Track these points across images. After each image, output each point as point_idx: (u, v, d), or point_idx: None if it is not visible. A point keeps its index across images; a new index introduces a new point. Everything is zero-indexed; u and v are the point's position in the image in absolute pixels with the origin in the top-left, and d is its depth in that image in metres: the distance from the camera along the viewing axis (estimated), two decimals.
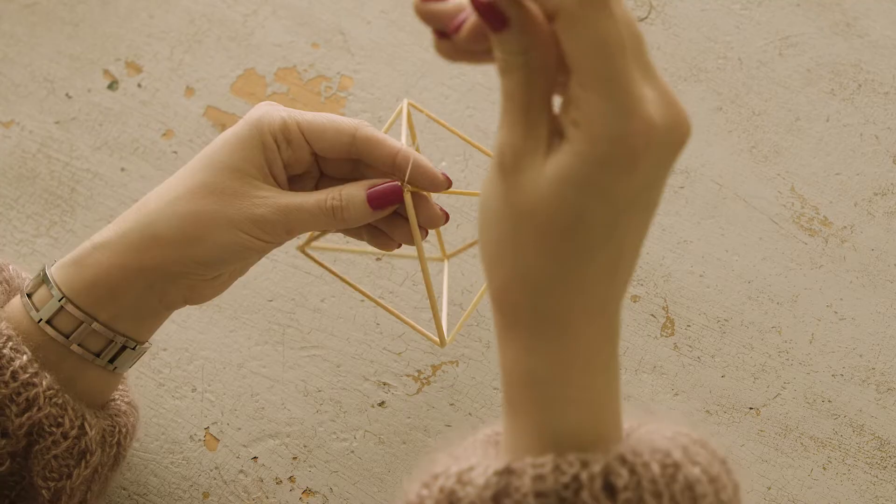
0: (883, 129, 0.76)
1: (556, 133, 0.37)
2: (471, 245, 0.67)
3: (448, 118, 0.76)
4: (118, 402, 0.57)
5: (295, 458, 0.65)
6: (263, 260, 0.70)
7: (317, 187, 0.56)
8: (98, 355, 0.53)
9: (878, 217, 0.72)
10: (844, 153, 0.75)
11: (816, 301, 0.70)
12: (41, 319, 0.52)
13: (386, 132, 0.57)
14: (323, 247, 0.65)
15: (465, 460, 0.40)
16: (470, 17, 0.37)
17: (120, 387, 0.58)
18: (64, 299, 0.51)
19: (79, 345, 0.52)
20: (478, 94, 0.77)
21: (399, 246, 0.57)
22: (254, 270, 0.70)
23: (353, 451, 0.65)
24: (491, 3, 0.35)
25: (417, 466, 0.42)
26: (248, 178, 0.51)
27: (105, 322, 0.52)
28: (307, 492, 0.64)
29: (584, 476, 0.37)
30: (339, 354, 0.68)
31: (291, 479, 0.64)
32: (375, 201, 0.52)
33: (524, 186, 0.37)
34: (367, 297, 0.60)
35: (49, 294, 0.52)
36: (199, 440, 0.65)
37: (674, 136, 0.36)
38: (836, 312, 0.69)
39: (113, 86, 0.77)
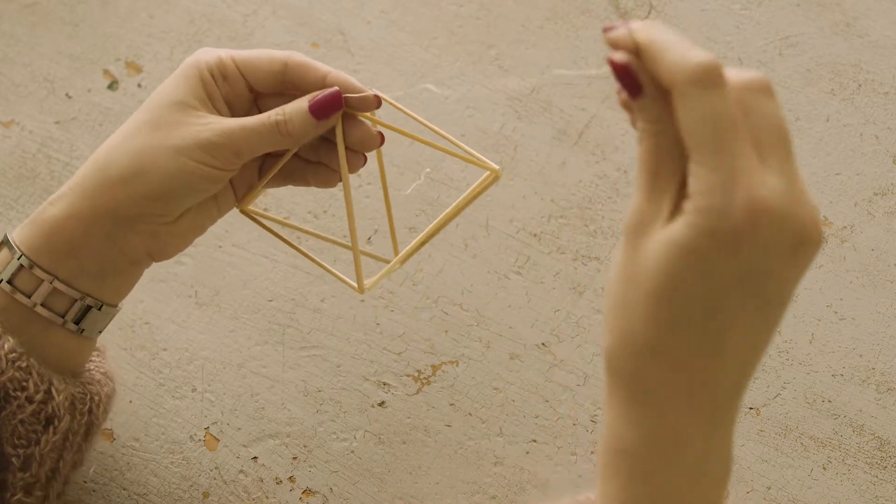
0: (883, 129, 0.76)
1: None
2: (422, 244, 0.61)
3: (448, 118, 0.76)
4: (93, 371, 0.57)
5: (295, 458, 0.65)
6: (263, 260, 0.70)
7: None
8: (63, 317, 0.53)
9: (878, 217, 0.72)
10: (844, 153, 0.75)
11: (816, 301, 0.70)
12: (1, 280, 0.51)
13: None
14: (265, 215, 0.61)
15: None
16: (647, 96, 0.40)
17: (97, 358, 0.58)
18: (23, 257, 0.51)
19: (42, 305, 0.52)
20: (478, 94, 0.77)
21: (340, 180, 0.57)
22: (254, 270, 0.70)
23: (353, 451, 0.65)
24: (626, 67, 0.37)
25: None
26: (189, 109, 0.52)
27: (66, 280, 0.52)
28: (307, 492, 0.64)
29: None
30: (339, 354, 0.68)
31: (291, 479, 0.64)
32: (318, 110, 0.52)
33: (640, 250, 0.38)
34: (297, 249, 0.59)
35: (10, 255, 0.52)
36: (199, 440, 0.65)
37: (794, 227, 0.37)
38: (836, 312, 0.69)
39: (113, 86, 0.77)
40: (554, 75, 0.77)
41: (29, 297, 0.52)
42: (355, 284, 0.56)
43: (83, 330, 0.54)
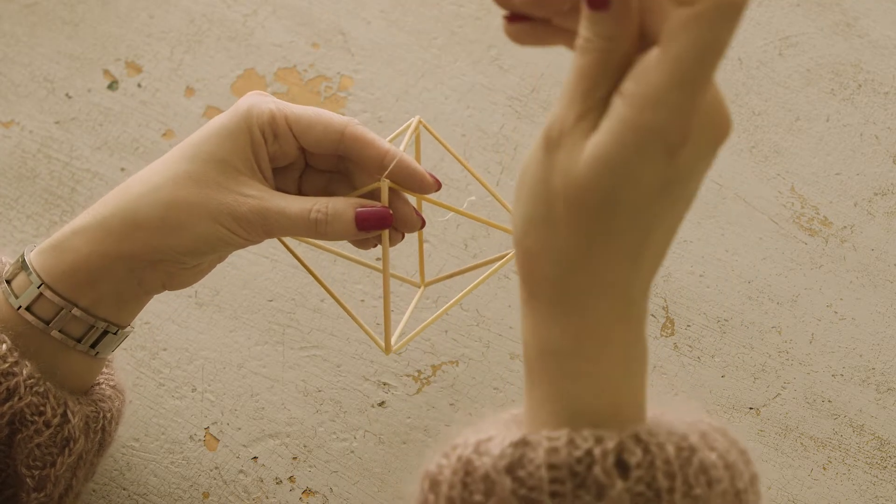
0: (883, 129, 0.76)
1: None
2: (449, 276, 0.64)
3: (448, 118, 0.76)
4: (103, 386, 0.57)
5: (295, 458, 0.65)
6: (263, 260, 0.70)
7: (301, 178, 0.56)
8: (79, 341, 0.53)
9: (878, 217, 0.72)
10: (844, 153, 0.75)
11: (816, 301, 0.70)
12: (20, 306, 0.51)
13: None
14: (302, 239, 0.61)
15: (485, 432, 0.40)
16: None
17: (105, 370, 0.58)
18: (43, 286, 0.51)
19: (59, 331, 0.52)
20: (478, 94, 0.77)
21: (375, 245, 0.56)
22: (254, 270, 0.70)
23: (353, 451, 0.65)
24: None
25: (440, 440, 0.43)
26: (233, 171, 0.51)
27: (85, 308, 0.52)
28: (307, 492, 0.64)
29: (597, 451, 0.37)
30: (339, 354, 0.68)
31: (291, 479, 0.64)
32: (363, 223, 0.52)
33: (563, 164, 0.37)
34: (328, 290, 0.58)
35: (28, 281, 0.51)
36: (199, 440, 0.65)
37: (717, 126, 0.37)
38: (836, 312, 0.69)
39: (113, 86, 0.77)
40: (554, 75, 0.77)
41: (47, 323, 0.52)
42: (382, 343, 0.56)
43: (98, 353, 0.54)
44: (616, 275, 0.38)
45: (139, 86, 0.77)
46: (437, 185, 0.54)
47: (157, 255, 0.52)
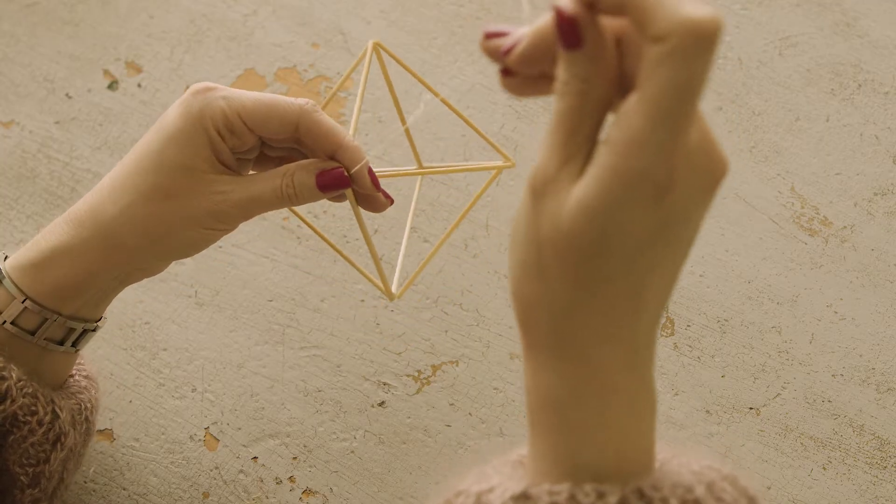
0: (883, 129, 0.76)
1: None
2: (444, 170, 0.64)
3: (448, 118, 0.76)
4: (77, 377, 0.58)
5: (295, 458, 0.65)
6: (263, 260, 0.70)
7: (261, 155, 0.57)
8: (61, 343, 0.55)
9: (878, 217, 0.72)
10: (844, 153, 0.75)
11: (816, 301, 0.70)
12: (5, 322, 0.52)
13: (351, 73, 0.58)
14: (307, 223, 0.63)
15: (487, 481, 0.40)
16: (523, 41, 0.38)
17: (77, 362, 0.60)
18: (27, 300, 0.52)
19: (44, 338, 0.54)
20: (478, 94, 0.77)
21: (389, 204, 0.57)
22: (254, 270, 0.70)
23: (353, 451, 0.65)
24: (572, 18, 0.35)
25: (446, 481, 0.42)
26: (199, 173, 0.52)
27: (69, 315, 0.54)
28: (307, 492, 0.64)
29: None
30: (339, 354, 0.68)
31: (291, 479, 0.64)
32: (324, 187, 0.53)
33: (550, 213, 0.37)
34: (332, 246, 0.60)
35: (9, 296, 0.52)
36: (199, 440, 0.65)
37: (709, 171, 0.36)
38: (836, 312, 0.69)
39: (113, 86, 0.77)
40: None
41: (32, 333, 0.53)
42: (385, 287, 0.58)
43: (78, 349, 0.56)
44: (616, 322, 0.38)
45: (139, 86, 0.77)
46: (389, 200, 0.56)
47: (143, 264, 0.54)
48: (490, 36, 0.39)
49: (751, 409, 0.66)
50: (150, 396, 0.66)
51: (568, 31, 0.35)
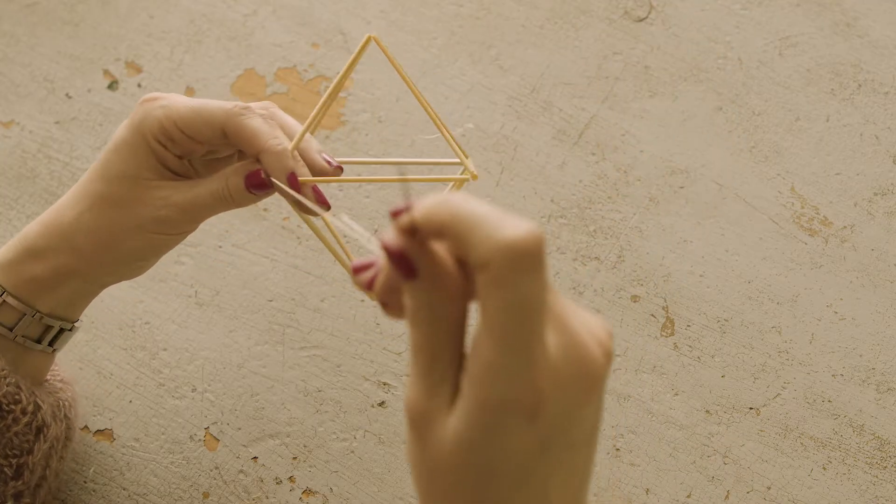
0: (883, 129, 0.76)
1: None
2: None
3: (447, 118, 0.76)
4: (51, 380, 0.60)
5: (295, 458, 0.65)
6: (263, 260, 0.70)
7: (232, 156, 0.59)
8: (38, 341, 0.56)
9: (878, 217, 0.72)
10: (844, 153, 0.75)
11: (816, 301, 0.70)
12: None
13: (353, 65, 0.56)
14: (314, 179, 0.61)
15: None
16: (380, 274, 0.37)
17: (52, 367, 0.61)
18: (6, 293, 0.54)
19: (22, 335, 0.55)
20: (478, 94, 0.77)
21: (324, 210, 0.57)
22: (254, 270, 0.70)
23: (353, 451, 0.65)
24: (401, 252, 0.35)
25: None
26: (143, 181, 0.54)
27: (47, 312, 0.55)
28: (307, 492, 0.64)
29: None
30: (339, 354, 0.68)
31: (291, 479, 0.64)
32: (253, 188, 0.54)
33: (432, 445, 0.36)
34: (329, 247, 0.58)
35: None
36: (199, 440, 0.65)
37: (580, 376, 0.35)
38: (836, 312, 0.69)
39: (113, 86, 0.77)
40: (554, 75, 0.77)
41: (10, 328, 0.54)
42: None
43: (55, 349, 0.58)
44: None
45: (139, 86, 0.77)
46: (325, 207, 0.55)
47: (105, 268, 0.55)
48: (357, 271, 0.39)
49: (751, 409, 0.66)
50: (150, 396, 0.66)
51: (399, 263, 0.35)
